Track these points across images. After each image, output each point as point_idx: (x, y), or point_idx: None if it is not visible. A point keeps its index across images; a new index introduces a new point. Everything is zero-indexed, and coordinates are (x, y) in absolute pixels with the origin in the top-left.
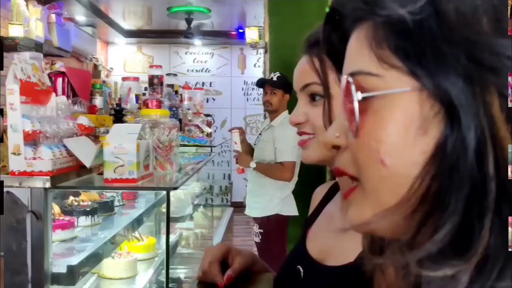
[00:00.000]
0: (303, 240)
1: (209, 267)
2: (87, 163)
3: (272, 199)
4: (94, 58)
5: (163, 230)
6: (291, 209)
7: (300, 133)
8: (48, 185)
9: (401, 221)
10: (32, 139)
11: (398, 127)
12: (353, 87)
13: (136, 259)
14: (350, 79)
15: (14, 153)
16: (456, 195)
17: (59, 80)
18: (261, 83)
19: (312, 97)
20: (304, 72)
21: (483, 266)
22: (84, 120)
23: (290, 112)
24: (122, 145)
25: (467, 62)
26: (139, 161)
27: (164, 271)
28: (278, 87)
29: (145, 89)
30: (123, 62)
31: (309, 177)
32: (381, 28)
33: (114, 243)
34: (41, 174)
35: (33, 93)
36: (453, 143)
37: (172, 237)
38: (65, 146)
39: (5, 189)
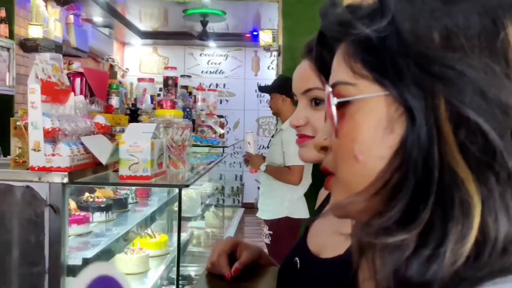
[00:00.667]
0: (305, 235)
1: (217, 259)
2: (103, 160)
3: (282, 201)
4: (111, 58)
5: (175, 228)
6: (301, 212)
7: (300, 135)
8: (66, 180)
9: (367, 204)
10: (51, 136)
11: (369, 127)
12: (331, 95)
13: (148, 255)
14: (330, 89)
15: (34, 149)
16: (409, 181)
17: (77, 80)
18: (260, 89)
19: (314, 101)
20: (305, 76)
21: (425, 238)
22: (101, 119)
23: None
24: (137, 143)
25: (420, 72)
26: (153, 159)
27: (174, 268)
28: (273, 91)
29: (160, 89)
30: (138, 62)
31: (321, 180)
32: (353, 45)
33: (127, 239)
34: (60, 170)
35: (53, 93)
36: (411, 139)
37: (184, 235)
38: (82, 144)
39: (24, 184)
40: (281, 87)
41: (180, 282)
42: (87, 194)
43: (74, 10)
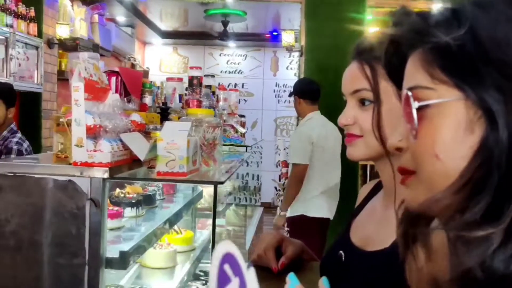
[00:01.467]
0: (347, 230)
1: (264, 252)
2: (142, 157)
3: (298, 200)
4: (132, 57)
5: (198, 224)
6: (318, 210)
7: (348, 134)
8: (106, 175)
9: (450, 201)
10: (93, 133)
11: (449, 129)
12: (411, 99)
13: (176, 251)
14: (409, 93)
15: (77, 145)
16: (492, 178)
17: (113, 79)
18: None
19: (362, 101)
20: (354, 77)
21: (510, 232)
22: (136, 117)
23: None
24: (174, 141)
25: (500, 77)
26: (188, 156)
27: (201, 264)
28: (291, 94)
29: (186, 89)
30: (159, 62)
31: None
32: (432, 52)
33: (158, 234)
34: (101, 165)
35: (94, 91)
36: (493, 139)
37: (206, 233)
38: (121, 140)
39: (67, 178)
40: (296, 90)
41: (203, 278)
42: (118, 190)
43: (99, 9)
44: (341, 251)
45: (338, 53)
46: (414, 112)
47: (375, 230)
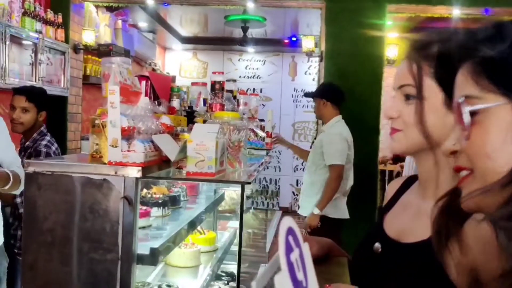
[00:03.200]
0: (380, 223)
1: None
2: (172, 157)
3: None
4: (153, 62)
5: (219, 226)
6: (339, 212)
7: (392, 128)
8: (139, 174)
9: (498, 196)
10: (127, 134)
11: (497, 130)
12: (464, 104)
13: (199, 250)
14: (461, 100)
15: (112, 146)
16: None
17: (143, 83)
18: (305, 94)
19: (407, 96)
20: (401, 73)
21: None
22: (166, 119)
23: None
24: (203, 142)
25: None
26: (216, 157)
27: (223, 265)
28: (316, 96)
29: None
30: (179, 67)
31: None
32: (479, 64)
33: (184, 234)
34: (134, 165)
35: (127, 94)
36: None
37: (226, 234)
38: (152, 142)
39: (102, 177)
40: (323, 92)
41: (225, 278)
42: (145, 190)
43: (122, 15)
44: (377, 243)
45: (357, 58)
46: (466, 116)
47: (411, 222)
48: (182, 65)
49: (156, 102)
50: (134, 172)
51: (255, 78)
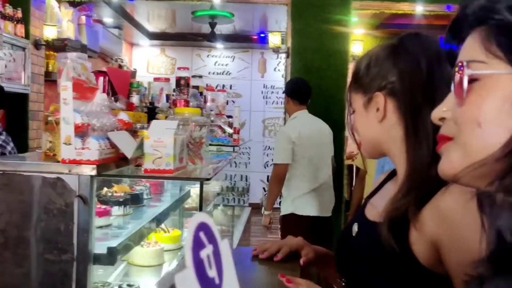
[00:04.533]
0: (363, 209)
1: (278, 249)
2: (129, 155)
3: (287, 199)
4: (119, 59)
5: (186, 224)
6: (307, 209)
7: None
8: (94, 172)
9: (490, 169)
10: (81, 131)
11: (496, 101)
12: (465, 68)
13: (163, 249)
14: (465, 63)
15: (66, 143)
16: None
17: (101, 78)
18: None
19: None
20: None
21: None
22: (124, 116)
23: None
24: (161, 139)
25: None
26: (175, 154)
27: None
28: (284, 93)
29: (174, 90)
30: (146, 63)
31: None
32: (493, 28)
33: (145, 232)
34: (89, 163)
35: (82, 90)
36: None
37: None
38: (108, 139)
39: (56, 175)
40: (285, 88)
41: None
42: (105, 188)
43: (86, 11)
44: (355, 225)
45: (323, 54)
46: (465, 80)
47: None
48: (150, 61)
49: (113, 98)
50: (89, 170)
51: (225, 75)
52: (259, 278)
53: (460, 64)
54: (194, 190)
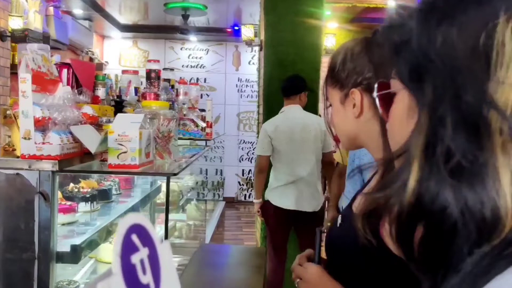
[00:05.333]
0: (351, 203)
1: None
2: (92, 149)
3: (268, 188)
4: (90, 51)
5: (157, 219)
6: (280, 200)
7: None
8: (56, 168)
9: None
10: (41, 125)
11: (397, 115)
12: (375, 89)
13: None
14: (376, 84)
15: (25, 138)
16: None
17: (64, 71)
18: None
19: None
20: None
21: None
22: (88, 109)
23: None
24: (125, 133)
25: (430, 72)
26: (141, 148)
27: None
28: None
29: (141, 83)
30: (118, 56)
31: None
32: (388, 49)
33: (113, 229)
34: (50, 158)
35: (42, 82)
36: (419, 126)
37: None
38: (71, 133)
39: (15, 171)
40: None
41: None
42: (72, 184)
43: (54, 1)
44: (339, 217)
45: (296, 47)
46: (377, 99)
47: None
48: (122, 54)
49: (76, 90)
50: (50, 166)
51: (199, 68)
52: (228, 276)
53: (376, 84)
54: (165, 185)
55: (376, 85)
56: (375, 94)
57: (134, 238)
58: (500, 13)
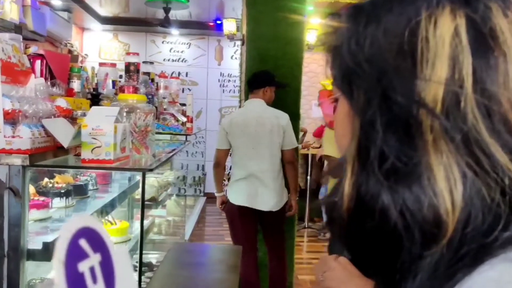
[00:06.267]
0: None
1: None
2: (65, 144)
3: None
4: (69, 43)
5: (136, 215)
6: (234, 197)
7: None
8: (26, 163)
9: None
10: (11, 118)
11: (339, 118)
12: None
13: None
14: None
15: None
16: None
17: (38, 62)
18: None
19: None
20: None
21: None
22: (62, 102)
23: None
24: (100, 126)
25: (361, 79)
26: (116, 143)
27: (135, 255)
28: None
29: (120, 76)
30: (98, 48)
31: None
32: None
33: None
34: (20, 152)
35: (13, 73)
36: (357, 131)
37: (145, 223)
38: (43, 127)
39: None
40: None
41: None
42: (46, 179)
43: None
44: None
45: (278, 42)
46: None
47: None
48: (102, 46)
49: (49, 83)
50: (20, 160)
51: (180, 62)
52: (202, 275)
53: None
54: (146, 180)
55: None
56: (330, 98)
57: (83, 243)
58: (422, 10)
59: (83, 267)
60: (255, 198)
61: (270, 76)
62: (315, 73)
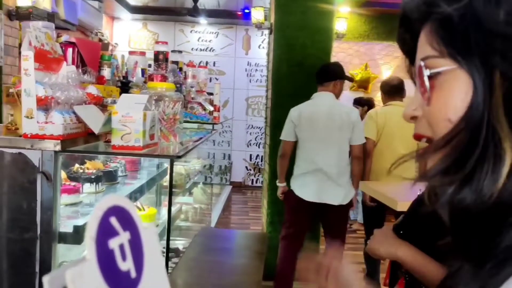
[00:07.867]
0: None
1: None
2: (96, 130)
3: (292, 175)
4: (100, 32)
5: (163, 202)
6: (300, 190)
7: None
8: (58, 148)
9: (431, 159)
10: (44, 104)
11: (457, 94)
12: (423, 68)
13: None
14: (422, 63)
15: (27, 117)
16: (465, 138)
17: (69, 50)
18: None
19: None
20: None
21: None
22: (93, 89)
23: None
24: (129, 113)
25: (485, 46)
26: (145, 130)
27: (163, 241)
28: None
29: (149, 65)
30: (128, 38)
31: None
32: (435, 23)
33: None
34: (52, 138)
35: (46, 61)
36: (474, 106)
37: (172, 210)
38: (75, 113)
39: (17, 150)
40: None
41: (169, 254)
42: (77, 165)
43: None
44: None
45: (307, 31)
46: (426, 80)
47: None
48: (131, 36)
49: (81, 70)
50: (52, 146)
51: (208, 51)
52: (227, 261)
53: (419, 63)
54: (174, 167)
55: (422, 63)
56: (426, 72)
57: (113, 221)
58: None
59: (113, 244)
60: (323, 193)
61: (342, 69)
62: (343, 62)
